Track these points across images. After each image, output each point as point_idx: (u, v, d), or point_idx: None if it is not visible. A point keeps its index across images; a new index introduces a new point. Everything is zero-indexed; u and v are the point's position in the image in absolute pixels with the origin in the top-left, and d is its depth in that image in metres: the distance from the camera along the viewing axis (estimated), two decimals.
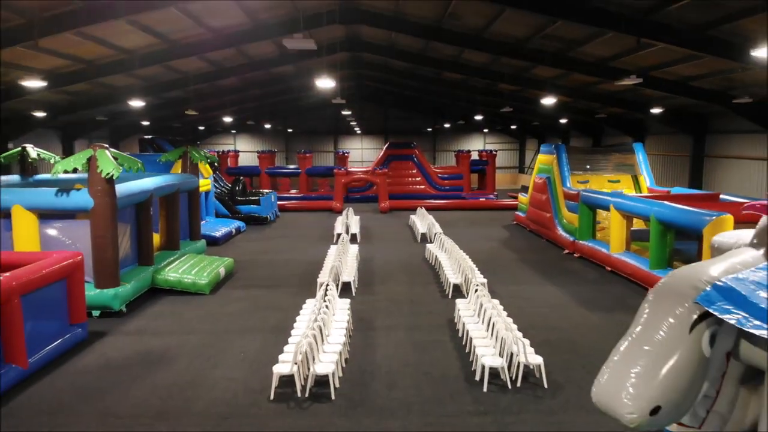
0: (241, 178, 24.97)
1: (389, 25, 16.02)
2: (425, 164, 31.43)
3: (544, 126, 35.94)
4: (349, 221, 20.27)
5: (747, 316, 4.00)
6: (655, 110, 20.25)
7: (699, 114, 20.90)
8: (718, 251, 5.38)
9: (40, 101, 19.23)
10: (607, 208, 14.59)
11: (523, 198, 22.23)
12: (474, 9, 13.56)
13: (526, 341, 7.92)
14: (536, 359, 7.68)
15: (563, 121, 30.04)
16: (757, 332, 3.88)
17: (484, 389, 7.48)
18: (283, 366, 7.32)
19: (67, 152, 26.44)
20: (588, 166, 19.32)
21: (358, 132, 44.61)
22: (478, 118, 33.15)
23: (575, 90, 20.65)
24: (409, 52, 20.87)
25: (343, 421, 6.73)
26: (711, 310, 4.08)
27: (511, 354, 7.79)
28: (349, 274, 12.58)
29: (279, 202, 26.49)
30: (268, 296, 12.21)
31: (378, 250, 17.24)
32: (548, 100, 19.77)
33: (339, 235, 18.32)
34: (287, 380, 7.50)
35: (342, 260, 13.34)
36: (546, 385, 7.56)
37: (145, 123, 30.24)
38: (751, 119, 16.30)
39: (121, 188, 11.09)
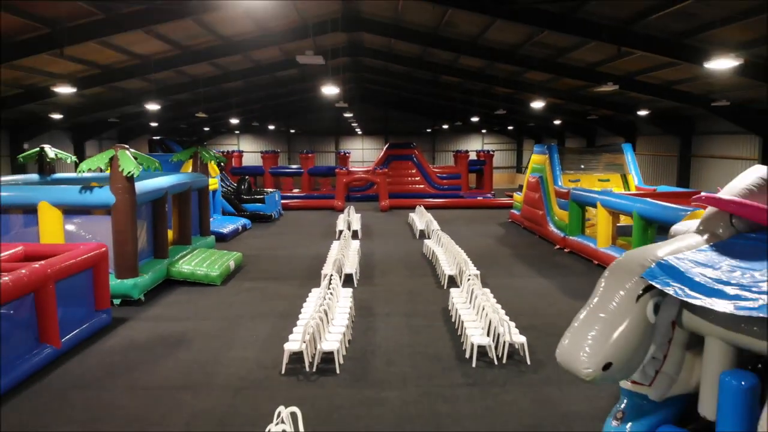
0: (247, 177, 25.83)
1: (389, 32, 16.87)
2: (424, 164, 32.26)
3: (540, 127, 36.79)
4: (351, 219, 21.12)
5: (683, 288, 4.87)
6: (642, 112, 21.10)
7: (685, 116, 21.74)
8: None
9: (56, 103, 20.09)
10: (594, 205, 15.45)
11: (518, 196, 23.07)
12: (468, 18, 14.41)
13: (512, 323, 8.77)
14: (520, 339, 8.52)
15: (557, 122, 30.90)
16: (690, 301, 4.75)
17: (473, 365, 8.33)
18: (293, 344, 8.17)
19: (78, 152, 27.28)
20: (582, 166, 20.19)
21: (359, 133, 45.49)
22: (475, 119, 33.95)
23: (566, 93, 21.51)
24: (407, 57, 21.73)
25: (347, 392, 7.57)
26: (653, 283, 4.94)
27: (498, 334, 8.64)
28: (351, 267, 13.42)
29: (282, 201, 27.34)
30: (275, 287, 13.06)
31: (378, 246, 18.08)
32: (537, 104, 20.62)
33: (341, 231, 19.16)
34: (296, 357, 8.35)
35: (344, 254, 14.19)
36: (529, 362, 8.41)
37: (153, 124, 31.11)
38: (732, 121, 17.14)
39: (139, 186, 11.95)
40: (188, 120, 33.40)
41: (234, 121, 32.21)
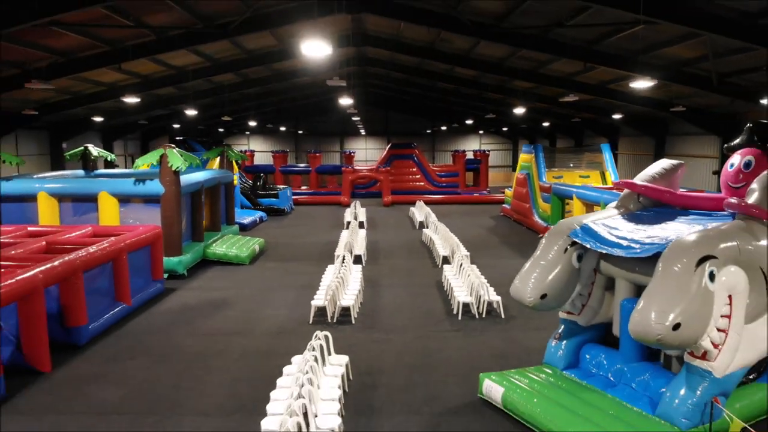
0: (263, 174, 28.13)
1: (390, 47, 19.12)
2: (424, 163, 34.49)
3: (531, 129, 39.09)
4: (357, 212, 23.39)
5: (596, 242, 7.11)
6: (617, 116, 23.37)
7: (659, 118, 23.98)
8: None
9: (97, 108, 22.38)
10: (570, 197, 17.69)
11: (509, 192, 25.33)
12: (460, 36, 16.66)
13: (491, 289, 11.03)
14: (496, 297, 10.77)
15: (546, 124, 33.20)
16: (598, 250, 7.00)
17: (459, 318, 10.60)
18: (318, 300, 10.44)
19: (107, 150, 29.64)
20: (571, 164, 22.48)
21: (363, 133, 47.82)
22: (469, 122, 36.24)
23: (551, 98, 23.76)
24: (407, 66, 23.99)
25: (361, 334, 9.84)
26: (576, 239, 7.18)
27: (479, 295, 10.89)
28: (360, 248, 15.69)
29: (293, 197, 29.60)
30: (295, 266, 15.33)
31: (382, 235, 20.34)
32: (519, 110, 22.90)
33: (349, 222, 21.42)
34: (320, 312, 10.62)
35: (353, 238, 16.45)
36: (503, 316, 10.66)
37: (176, 126, 33.43)
38: (693, 123, 19.37)
39: (182, 179, 14.21)
40: (206, 122, 35.69)
41: (251, 123, 34.42)
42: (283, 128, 45.14)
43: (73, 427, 6.82)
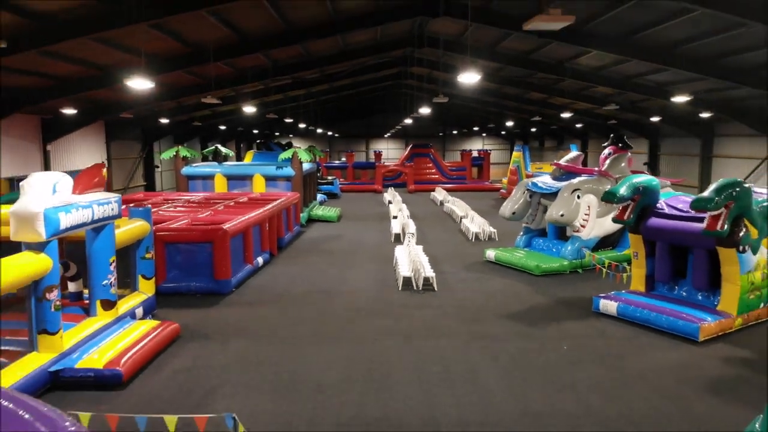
0: (320, 167, 37.02)
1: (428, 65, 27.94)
2: (439, 159, 43.32)
3: (525, 132, 48.01)
4: (393, 196, 32.25)
5: (538, 188, 16.02)
6: (579, 125, 32.20)
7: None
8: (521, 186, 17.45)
9: (196, 117, 31.09)
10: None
11: (504, 180, 34.19)
12: None
13: (492, 229, 19.84)
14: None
15: (533, 129, 42.12)
16: (538, 192, 15.89)
17: (473, 241, 19.42)
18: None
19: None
20: (559, 161, 31.32)
21: (386, 136, 56.76)
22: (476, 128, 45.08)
23: (540, 106, 32.49)
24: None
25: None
26: (529, 189, 16.11)
27: (484, 229, 19.68)
28: (413, 227, 24.54)
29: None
30: (365, 223, 24.14)
31: (414, 208, 29.19)
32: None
33: (390, 201, 30.28)
34: (396, 238, 19.42)
35: (400, 214, 25.30)
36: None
37: (222, 127, 42.24)
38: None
39: (304, 167, 23.03)
40: (260, 125, 44.53)
41: (301, 125, 43.16)
42: (320, 130, 54.08)
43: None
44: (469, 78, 15.49)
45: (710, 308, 10.38)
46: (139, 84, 14.02)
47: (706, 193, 9.68)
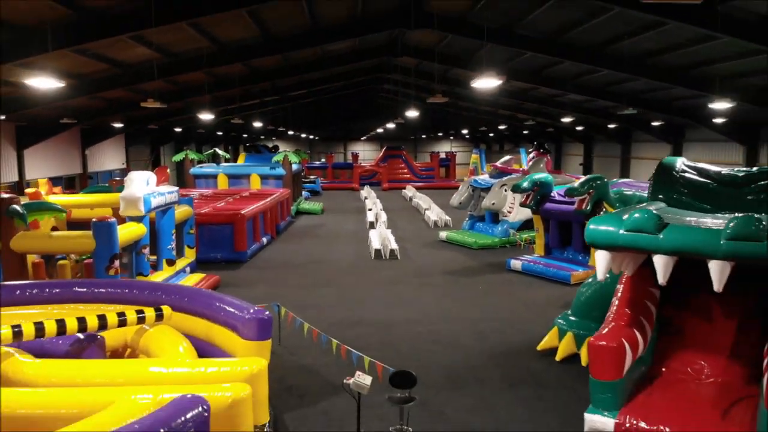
0: (304, 167, 41.41)
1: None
2: (410, 160, 48.07)
3: (486, 136, 53.17)
4: (369, 193, 36.88)
5: (478, 184, 20.89)
6: (542, 134, 37.27)
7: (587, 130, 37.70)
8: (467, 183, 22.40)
9: (200, 125, 35.39)
10: None
11: (466, 178, 39.13)
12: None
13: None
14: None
15: (491, 134, 47.20)
16: (478, 187, 20.77)
17: (432, 228, 24.20)
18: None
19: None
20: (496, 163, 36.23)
21: (363, 139, 61.39)
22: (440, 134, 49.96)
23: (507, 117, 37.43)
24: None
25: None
26: (472, 185, 20.97)
27: (442, 219, 24.46)
28: (384, 216, 29.25)
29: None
30: (345, 215, 28.75)
31: (386, 203, 33.88)
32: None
33: (366, 197, 34.91)
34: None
35: (375, 207, 29.98)
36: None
37: (219, 133, 46.40)
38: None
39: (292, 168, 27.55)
40: (247, 128, 48.79)
41: (280, 129, 47.52)
42: (303, 135, 58.49)
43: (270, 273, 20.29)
44: (437, 94, 20.30)
45: (583, 263, 15.27)
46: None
47: (575, 184, 14.54)
